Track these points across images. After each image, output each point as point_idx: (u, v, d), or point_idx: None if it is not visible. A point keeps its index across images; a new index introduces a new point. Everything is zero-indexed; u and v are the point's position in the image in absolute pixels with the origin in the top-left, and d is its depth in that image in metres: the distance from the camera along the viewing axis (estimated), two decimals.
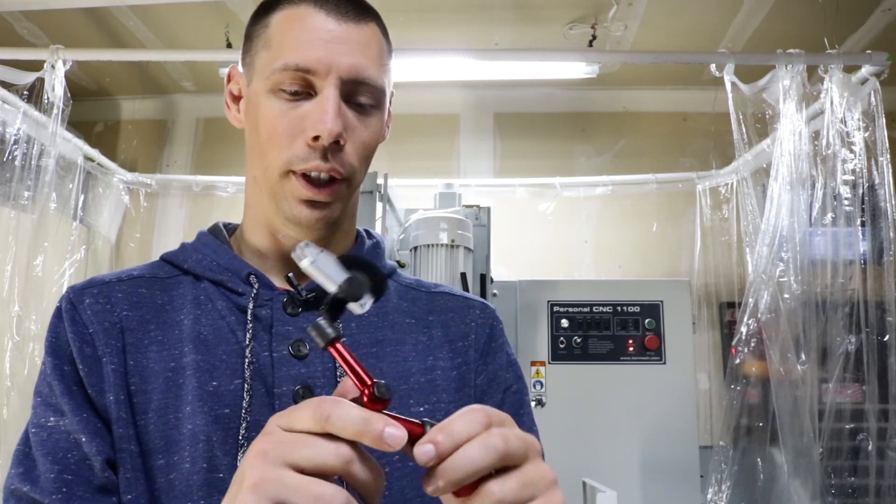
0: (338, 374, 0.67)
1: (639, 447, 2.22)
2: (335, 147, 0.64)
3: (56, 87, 2.13)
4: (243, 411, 0.63)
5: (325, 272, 0.48)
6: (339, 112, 0.64)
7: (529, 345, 2.32)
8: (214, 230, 0.77)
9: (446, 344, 0.74)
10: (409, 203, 2.36)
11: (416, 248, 2.04)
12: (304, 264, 0.48)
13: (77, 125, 2.83)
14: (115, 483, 0.62)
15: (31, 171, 2.17)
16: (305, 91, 0.65)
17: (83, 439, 0.62)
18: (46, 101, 2.15)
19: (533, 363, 2.31)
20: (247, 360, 0.65)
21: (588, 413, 2.25)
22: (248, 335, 0.66)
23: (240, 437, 0.62)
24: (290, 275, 0.69)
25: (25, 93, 2.16)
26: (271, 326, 0.67)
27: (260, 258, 0.73)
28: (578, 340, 2.31)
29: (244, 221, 0.75)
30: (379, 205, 2.03)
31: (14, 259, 2.16)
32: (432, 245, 2.01)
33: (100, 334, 0.65)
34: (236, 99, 0.74)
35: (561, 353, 2.31)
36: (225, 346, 0.66)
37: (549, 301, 2.35)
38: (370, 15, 0.69)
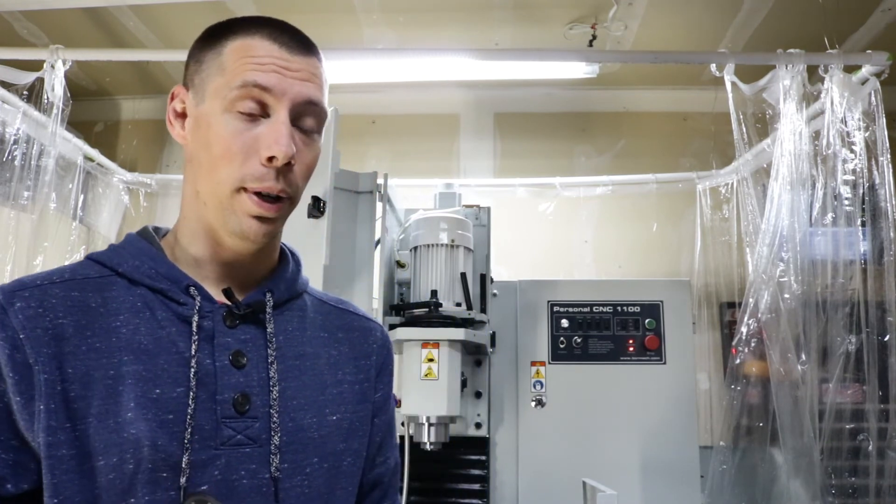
0: (270, 383, 0.73)
1: (639, 447, 2.22)
2: (286, 168, 0.70)
3: (56, 87, 2.12)
4: (188, 417, 0.67)
5: None
6: (291, 135, 0.70)
7: (529, 345, 2.31)
8: (146, 235, 0.79)
9: (352, 360, 0.84)
10: (409, 203, 2.36)
11: (416, 248, 2.04)
12: None
13: (77, 125, 2.83)
14: None
15: (30, 171, 2.16)
16: (259, 113, 0.70)
17: None
18: (46, 100, 2.14)
19: (533, 363, 2.30)
20: (192, 370, 0.69)
21: (588, 413, 2.25)
22: (193, 346, 0.70)
23: (185, 440, 0.67)
24: (229, 288, 0.74)
25: (25, 93, 2.16)
26: (213, 337, 0.72)
27: (196, 267, 0.76)
28: (578, 340, 2.30)
29: (179, 230, 0.78)
30: (379, 205, 2.03)
31: (14, 259, 2.16)
32: (432, 245, 2.01)
33: (32, 340, 0.66)
34: (179, 116, 0.77)
35: (561, 353, 2.31)
36: (166, 355, 0.69)
37: (549, 301, 2.35)
38: (315, 51, 0.76)
